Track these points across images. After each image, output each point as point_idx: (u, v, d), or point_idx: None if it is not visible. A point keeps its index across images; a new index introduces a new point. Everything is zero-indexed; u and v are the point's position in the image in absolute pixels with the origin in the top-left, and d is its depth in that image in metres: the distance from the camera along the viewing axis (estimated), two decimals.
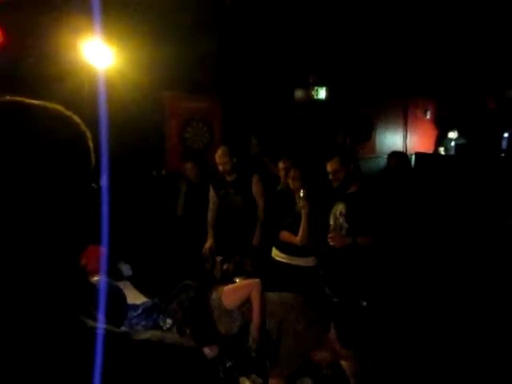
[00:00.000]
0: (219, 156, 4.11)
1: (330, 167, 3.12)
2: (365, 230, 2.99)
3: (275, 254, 3.58)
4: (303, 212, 3.25)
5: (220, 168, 4.14)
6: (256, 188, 4.14)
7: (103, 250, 2.88)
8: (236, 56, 5.64)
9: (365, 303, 2.95)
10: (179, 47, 5.03)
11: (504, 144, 6.61)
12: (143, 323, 2.71)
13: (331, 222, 3.19)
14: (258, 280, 2.72)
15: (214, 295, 2.64)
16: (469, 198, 4.76)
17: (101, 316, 0.62)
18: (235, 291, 2.73)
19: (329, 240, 3.06)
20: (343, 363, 1.75)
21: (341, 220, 3.12)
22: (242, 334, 2.78)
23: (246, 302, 2.65)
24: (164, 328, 2.61)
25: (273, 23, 5.51)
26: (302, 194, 3.24)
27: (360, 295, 2.99)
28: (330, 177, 3.13)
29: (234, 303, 2.64)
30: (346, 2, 5.66)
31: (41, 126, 0.60)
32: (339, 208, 3.15)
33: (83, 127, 0.69)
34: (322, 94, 6.62)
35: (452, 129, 7.66)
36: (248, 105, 5.91)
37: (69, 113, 0.68)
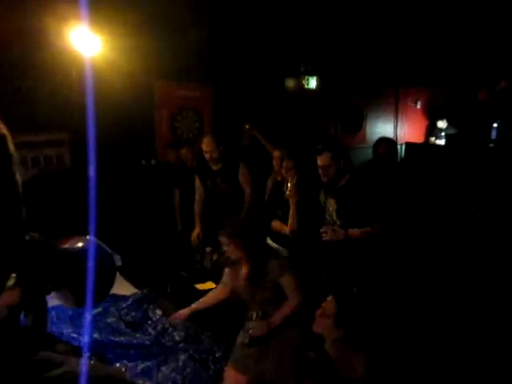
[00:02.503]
0: (206, 144, 4.08)
1: (320, 161, 3.06)
2: (357, 223, 2.96)
3: (269, 243, 3.58)
4: (291, 201, 3.25)
5: (207, 156, 4.10)
6: (242, 176, 4.13)
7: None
8: (227, 45, 5.58)
9: (355, 289, 2.95)
10: (169, 35, 4.97)
11: (493, 134, 6.65)
12: (133, 314, 2.69)
13: (327, 217, 3.16)
14: (300, 300, 2.57)
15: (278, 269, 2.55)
16: (457, 187, 4.78)
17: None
18: (293, 280, 2.59)
19: (322, 234, 3.04)
20: (328, 347, 1.72)
21: (334, 216, 3.10)
22: (237, 322, 2.75)
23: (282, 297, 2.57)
24: (154, 319, 2.60)
25: (264, 12, 5.46)
26: (290, 183, 3.23)
27: (353, 284, 2.98)
28: (320, 172, 3.08)
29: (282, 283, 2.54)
30: None
31: None
32: (331, 203, 3.12)
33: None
34: (312, 83, 6.59)
35: (441, 118, 7.68)
36: (239, 94, 5.87)
37: None
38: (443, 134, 7.50)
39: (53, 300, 2.80)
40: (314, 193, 3.39)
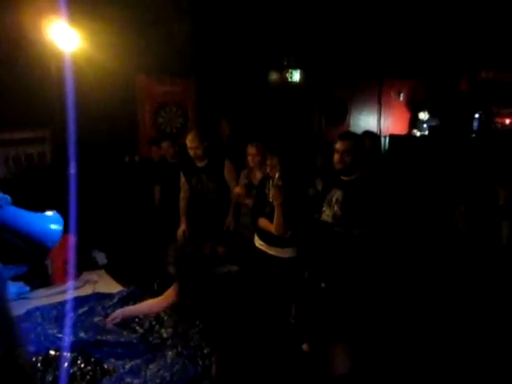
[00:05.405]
0: (190, 140, 4.01)
1: (340, 145, 2.95)
2: (359, 220, 2.87)
3: (256, 239, 3.52)
4: (275, 204, 3.06)
5: (191, 153, 4.03)
6: (228, 172, 4.09)
7: (72, 238, 2.81)
8: (209, 38, 5.54)
9: (323, 284, 2.87)
10: (150, 29, 4.91)
11: (475, 125, 6.74)
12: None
13: (324, 209, 3.07)
14: None
15: None
16: (439, 178, 4.83)
17: None
18: None
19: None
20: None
21: (335, 208, 3.00)
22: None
23: None
24: (140, 316, 2.58)
25: (247, 5, 5.42)
26: (273, 184, 3.08)
27: (347, 282, 2.91)
28: (336, 157, 2.98)
29: None
30: None
31: None
32: (336, 195, 3.02)
33: None
34: (296, 76, 6.59)
35: (423, 110, 7.75)
36: (222, 88, 5.83)
37: None
38: (425, 125, 7.57)
39: (37, 300, 2.76)
40: (300, 190, 3.29)
